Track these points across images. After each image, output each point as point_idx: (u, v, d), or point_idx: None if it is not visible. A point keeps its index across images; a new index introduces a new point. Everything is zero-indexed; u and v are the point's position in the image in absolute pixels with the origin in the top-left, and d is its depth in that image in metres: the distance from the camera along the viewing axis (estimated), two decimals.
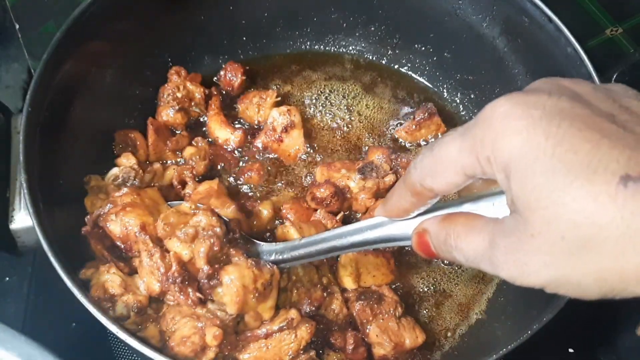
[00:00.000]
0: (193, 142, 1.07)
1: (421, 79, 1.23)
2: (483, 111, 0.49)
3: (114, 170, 0.97)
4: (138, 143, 1.03)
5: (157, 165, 1.01)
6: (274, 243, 0.87)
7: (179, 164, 1.04)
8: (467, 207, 0.62)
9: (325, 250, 0.79)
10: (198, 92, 1.11)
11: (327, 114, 1.18)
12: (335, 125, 1.16)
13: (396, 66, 1.24)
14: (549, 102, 0.46)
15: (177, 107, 1.08)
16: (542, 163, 0.44)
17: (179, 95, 1.09)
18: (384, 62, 1.25)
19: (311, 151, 1.12)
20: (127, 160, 0.99)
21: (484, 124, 0.48)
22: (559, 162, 0.43)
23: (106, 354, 1.04)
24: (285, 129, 1.08)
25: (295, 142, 1.09)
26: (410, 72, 1.24)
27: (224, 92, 1.17)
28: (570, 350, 1.06)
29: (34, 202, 0.78)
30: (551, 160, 0.44)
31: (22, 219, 0.88)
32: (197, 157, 1.03)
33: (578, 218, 0.43)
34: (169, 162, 1.05)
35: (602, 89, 0.49)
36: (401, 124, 1.16)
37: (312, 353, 0.84)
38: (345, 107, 1.19)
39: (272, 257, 0.85)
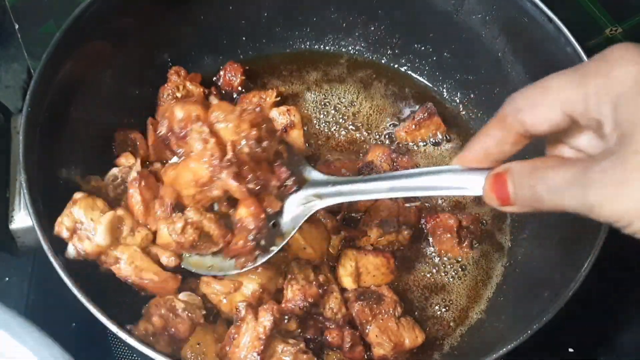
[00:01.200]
0: None
1: (421, 79, 1.23)
2: (598, 54, 0.51)
3: (113, 171, 0.97)
4: (138, 143, 1.03)
5: (157, 165, 1.01)
6: (328, 175, 0.85)
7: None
8: None
9: (387, 189, 0.75)
10: (197, 92, 1.10)
11: (327, 114, 1.18)
12: (334, 125, 1.16)
13: (396, 66, 1.24)
14: None
15: None
16: None
17: (178, 95, 1.08)
18: (383, 61, 1.25)
19: (311, 151, 1.12)
20: (126, 161, 0.99)
21: (600, 60, 0.50)
22: None
23: (106, 354, 1.04)
24: (285, 129, 1.08)
25: (294, 142, 1.09)
26: (409, 72, 1.24)
27: (223, 92, 1.17)
28: (570, 350, 1.06)
29: (34, 202, 0.78)
30: None
31: (22, 219, 0.88)
32: None
33: None
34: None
35: None
36: (401, 124, 1.16)
37: (302, 345, 0.83)
38: (344, 107, 1.19)
39: (328, 189, 0.82)
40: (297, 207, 0.84)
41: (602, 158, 0.48)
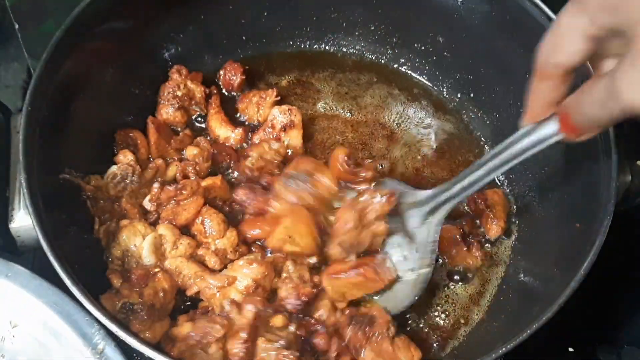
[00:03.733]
0: (195, 143, 1.07)
1: (421, 78, 1.23)
2: None
3: (113, 169, 0.97)
4: (139, 142, 1.03)
5: (159, 161, 1.01)
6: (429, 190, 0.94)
7: (181, 160, 1.04)
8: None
9: (486, 172, 0.84)
10: (198, 91, 1.11)
11: (326, 114, 1.18)
12: (333, 125, 1.16)
13: (396, 65, 1.24)
14: None
15: (177, 105, 1.08)
16: None
17: (179, 93, 1.08)
18: (383, 61, 1.25)
19: (308, 151, 1.12)
20: (124, 157, 0.99)
21: None
22: None
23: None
24: (284, 128, 1.07)
25: (293, 142, 1.08)
26: (409, 72, 1.24)
27: (223, 92, 1.17)
28: (570, 349, 1.06)
29: (33, 202, 0.79)
30: None
31: (22, 218, 0.88)
32: (200, 158, 1.03)
33: None
34: (170, 159, 1.05)
35: None
36: (399, 124, 1.16)
37: (283, 342, 0.83)
38: (344, 107, 1.19)
39: (436, 201, 0.92)
40: (420, 230, 0.94)
41: (621, 61, 0.55)
